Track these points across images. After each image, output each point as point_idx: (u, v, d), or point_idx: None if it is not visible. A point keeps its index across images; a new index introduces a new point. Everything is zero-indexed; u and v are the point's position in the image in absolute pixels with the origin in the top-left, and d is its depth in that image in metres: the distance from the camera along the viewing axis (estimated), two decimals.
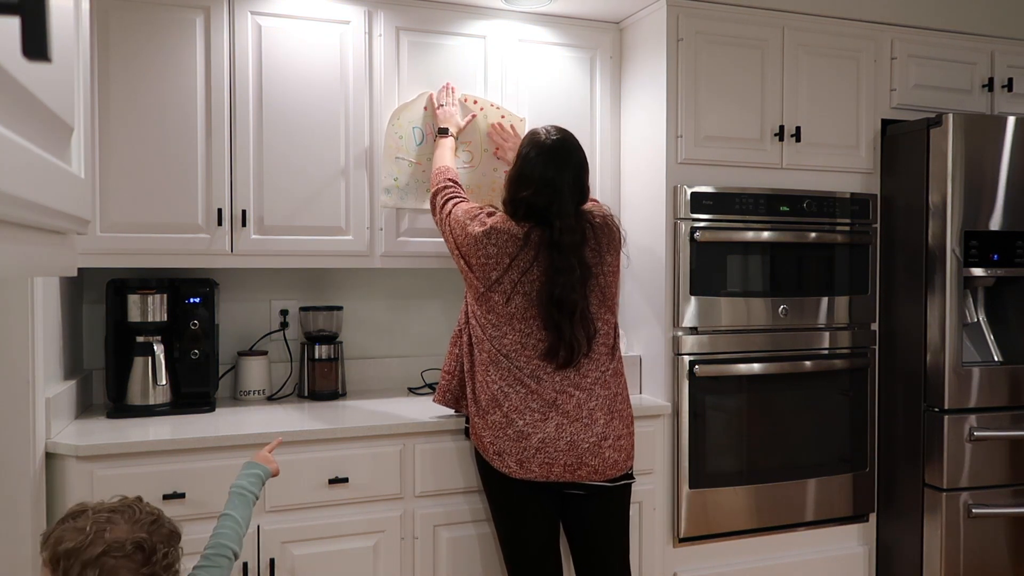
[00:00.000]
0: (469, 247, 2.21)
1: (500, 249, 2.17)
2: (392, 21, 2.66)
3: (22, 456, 1.99)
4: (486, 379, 2.20)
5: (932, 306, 2.75)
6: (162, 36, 2.42)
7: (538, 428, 2.14)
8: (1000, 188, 2.76)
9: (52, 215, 0.73)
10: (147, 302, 2.47)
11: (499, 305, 2.18)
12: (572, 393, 2.17)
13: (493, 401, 2.18)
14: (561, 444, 2.13)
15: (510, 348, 2.18)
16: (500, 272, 2.17)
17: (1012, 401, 2.79)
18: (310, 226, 2.58)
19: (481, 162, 2.76)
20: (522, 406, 2.15)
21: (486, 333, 2.21)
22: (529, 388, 2.16)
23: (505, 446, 2.16)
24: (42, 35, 0.53)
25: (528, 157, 2.22)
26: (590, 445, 2.15)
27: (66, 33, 0.82)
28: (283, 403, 2.72)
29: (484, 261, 2.18)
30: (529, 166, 2.21)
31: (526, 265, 2.16)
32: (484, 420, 2.21)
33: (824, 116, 2.86)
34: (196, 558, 1.61)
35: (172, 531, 1.42)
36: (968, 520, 2.74)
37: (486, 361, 2.20)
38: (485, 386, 2.20)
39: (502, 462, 2.17)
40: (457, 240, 2.25)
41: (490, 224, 2.19)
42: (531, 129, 2.33)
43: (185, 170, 2.45)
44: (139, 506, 1.40)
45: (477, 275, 2.20)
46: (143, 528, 1.35)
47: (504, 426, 2.17)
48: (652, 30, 2.76)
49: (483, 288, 2.20)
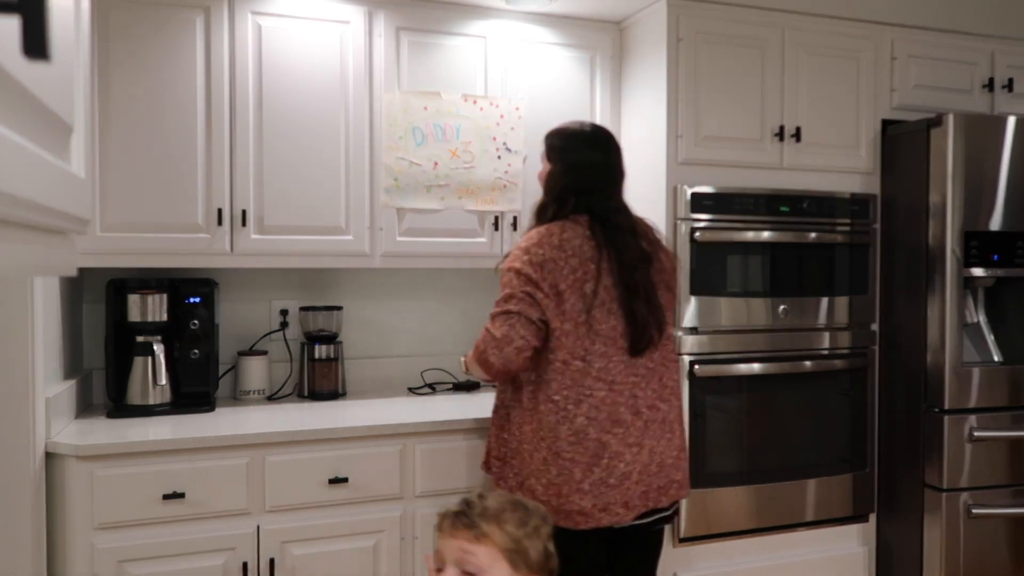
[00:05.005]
0: (545, 274, 1.98)
1: (569, 255, 2.00)
2: (392, 21, 2.66)
3: (22, 456, 1.99)
4: (569, 421, 1.98)
5: (932, 306, 2.75)
6: (162, 36, 2.42)
7: (627, 447, 1.99)
8: (1000, 188, 2.76)
9: (52, 215, 0.73)
10: (147, 302, 2.47)
11: (599, 319, 1.99)
12: (658, 406, 2.05)
13: (578, 437, 1.97)
14: (652, 465, 2.02)
15: (603, 364, 1.99)
16: (593, 281, 2.00)
17: (1012, 401, 2.79)
18: (310, 226, 2.58)
19: (481, 162, 2.76)
20: (603, 423, 1.98)
21: (574, 366, 1.98)
22: (618, 395, 2.00)
23: (589, 488, 1.97)
24: (42, 35, 0.53)
25: (568, 148, 2.13)
26: (672, 460, 2.07)
27: (66, 33, 0.82)
28: (283, 403, 2.72)
29: (571, 274, 1.98)
30: (574, 154, 2.12)
31: (599, 259, 2.02)
32: (554, 471, 1.98)
33: (824, 116, 2.86)
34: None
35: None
36: (968, 520, 2.74)
37: (571, 399, 1.98)
38: (568, 424, 1.98)
39: (576, 518, 1.97)
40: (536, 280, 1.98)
41: (538, 241, 2.01)
42: (556, 129, 2.22)
43: (185, 170, 2.45)
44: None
45: (574, 297, 1.98)
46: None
47: (592, 462, 1.97)
48: (652, 30, 2.76)
49: (583, 306, 1.98)
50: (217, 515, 2.20)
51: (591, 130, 2.18)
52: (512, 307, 1.98)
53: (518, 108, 2.81)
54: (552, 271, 1.97)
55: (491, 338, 1.99)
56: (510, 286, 2.00)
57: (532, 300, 1.97)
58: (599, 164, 2.11)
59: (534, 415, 2.02)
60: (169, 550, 2.14)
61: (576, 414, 1.97)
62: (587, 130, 2.18)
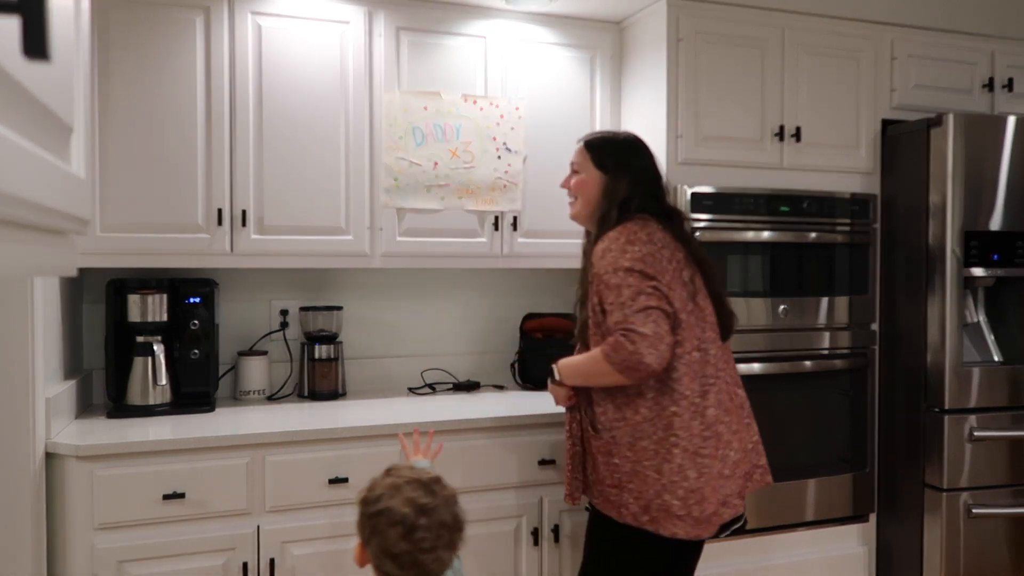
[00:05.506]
0: (654, 267, 1.93)
1: (660, 247, 1.98)
2: (392, 21, 2.66)
3: (22, 456, 1.99)
4: (700, 415, 1.93)
5: (932, 306, 2.75)
6: (162, 36, 2.42)
7: (734, 435, 1.99)
8: (1000, 188, 2.76)
9: (52, 215, 0.73)
10: (147, 302, 2.47)
11: (702, 306, 2.01)
12: (737, 391, 2.07)
13: (712, 430, 1.94)
14: (743, 452, 2.01)
15: (714, 351, 1.99)
16: (688, 269, 2.00)
17: (1012, 401, 2.79)
18: (310, 226, 2.58)
19: (481, 162, 2.76)
20: (721, 411, 1.97)
21: (695, 357, 1.95)
22: (723, 382, 2.00)
23: (701, 484, 1.91)
24: (42, 35, 0.53)
25: (622, 156, 2.11)
26: (753, 445, 2.09)
27: (66, 33, 0.82)
28: (283, 403, 2.72)
29: (668, 264, 1.96)
30: (628, 162, 2.10)
31: (680, 248, 2.03)
32: (693, 475, 1.91)
33: (824, 116, 2.86)
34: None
35: (445, 521, 1.50)
36: (968, 520, 2.74)
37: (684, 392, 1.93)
38: (700, 419, 1.93)
39: (713, 520, 1.94)
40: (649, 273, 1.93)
41: (628, 238, 1.96)
42: (600, 140, 2.17)
43: (185, 170, 2.45)
44: (435, 485, 1.52)
45: (678, 286, 1.95)
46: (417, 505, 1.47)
47: (722, 455, 1.95)
48: (652, 30, 2.76)
49: (687, 294, 1.97)
50: (217, 515, 2.20)
51: (634, 139, 2.18)
52: (650, 303, 1.87)
53: (518, 108, 2.81)
54: (655, 263, 1.93)
55: (641, 337, 1.84)
56: (631, 284, 1.89)
57: (660, 293, 1.89)
58: (649, 169, 2.12)
59: (658, 421, 1.91)
60: (169, 550, 2.14)
61: (705, 406, 1.93)
62: (632, 139, 2.18)
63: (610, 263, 1.95)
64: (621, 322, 1.87)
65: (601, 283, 1.94)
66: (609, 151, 2.13)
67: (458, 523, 1.53)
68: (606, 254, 1.97)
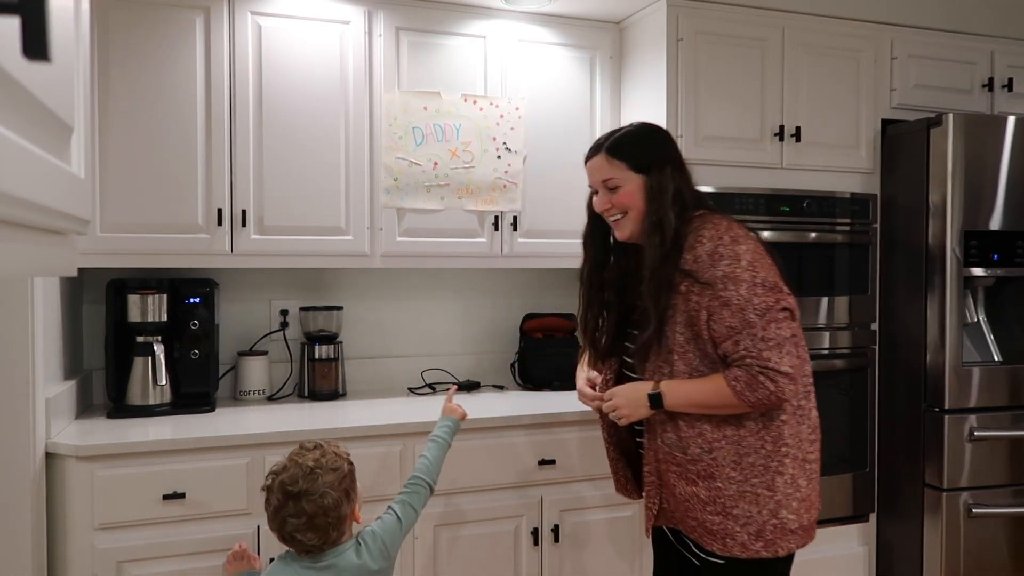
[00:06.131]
0: (770, 270, 1.74)
1: (754, 238, 1.81)
2: (392, 21, 2.66)
3: (22, 456, 1.99)
4: (807, 417, 1.79)
5: (932, 306, 2.75)
6: (162, 36, 2.42)
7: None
8: (1000, 188, 2.76)
9: (52, 215, 0.73)
10: (147, 302, 2.47)
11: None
12: None
13: (812, 434, 1.79)
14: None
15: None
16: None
17: (1012, 401, 2.79)
18: (310, 226, 2.58)
19: (481, 162, 2.76)
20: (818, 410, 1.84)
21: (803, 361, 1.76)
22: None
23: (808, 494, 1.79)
24: (42, 35, 0.53)
25: (663, 150, 1.86)
26: None
27: (66, 33, 0.82)
28: (283, 403, 2.72)
29: (769, 255, 1.78)
30: (671, 155, 1.87)
31: None
32: (804, 483, 1.76)
33: (824, 116, 2.86)
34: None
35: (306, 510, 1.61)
36: (968, 520, 2.74)
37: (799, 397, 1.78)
38: (807, 422, 1.79)
39: (796, 536, 1.79)
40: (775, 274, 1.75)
41: (735, 236, 1.76)
42: (632, 137, 1.89)
43: (185, 170, 2.45)
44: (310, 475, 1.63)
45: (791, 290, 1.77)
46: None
47: (818, 456, 1.81)
48: (652, 30, 2.76)
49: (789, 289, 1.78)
50: (217, 515, 2.20)
51: (650, 126, 1.95)
52: (783, 331, 1.68)
53: (518, 108, 2.81)
54: (770, 266, 1.74)
55: (782, 376, 1.67)
56: (757, 305, 1.67)
57: (789, 310, 1.71)
58: (678, 153, 1.90)
59: (766, 434, 1.73)
60: (169, 550, 2.14)
61: (809, 407, 1.79)
62: (648, 126, 1.94)
63: (727, 273, 1.69)
64: (755, 357, 1.66)
65: (715, 298, 1.69)
66: (639, 148, 1.86)
67: (321, 510, 1.60)
68: (717, 261, 1.71)
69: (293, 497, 1.59)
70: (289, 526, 1.60)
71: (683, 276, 1.74)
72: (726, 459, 1.74)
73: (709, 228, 1.75)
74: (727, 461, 1.73)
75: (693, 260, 1.73)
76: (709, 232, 1.74)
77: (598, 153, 1.89)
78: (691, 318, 1.73)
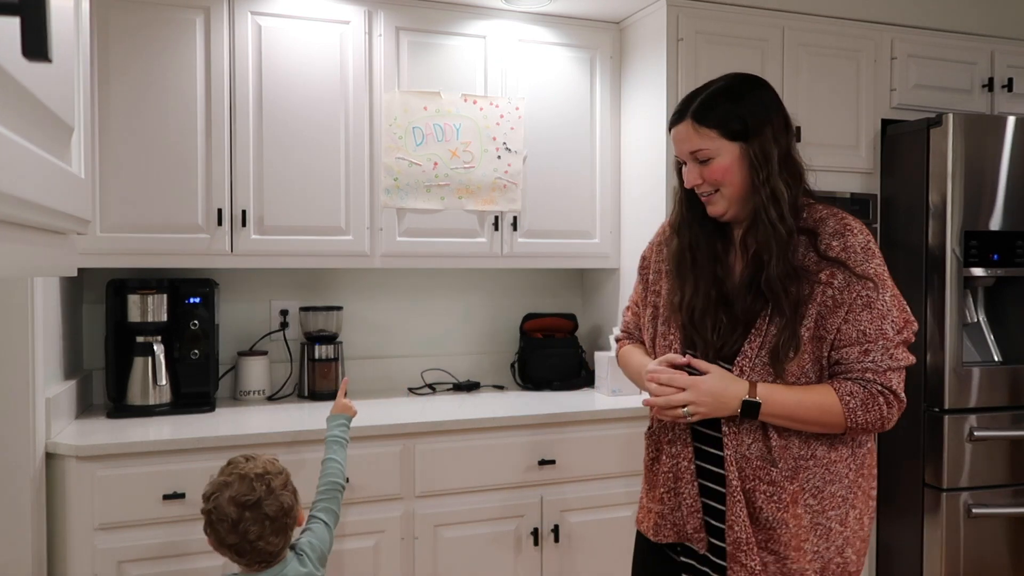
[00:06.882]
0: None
1: None
2: (392, 21, 2.66)
3: (22, 456, 1.99)
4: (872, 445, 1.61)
5: (932, 306, 2.75)
6: (162, 36, 2.42)
7: None
8: (1000, 188, 2.76)
9: (52, 215, 0.73)
10: (147, 302, 2.47)
11: None
12: None
13: (875, 468, 1.62)
14: None
15: None
16: None
17: (1012, 401, 2.79)
18: (310, 226, 2.58)
19: (481, 162, 2.76)
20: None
21: None
22: None
23: None
24: (42, 35, 0.53)
25: (756, 108, 1.57)
26: None
27: (66, 33, 0.82)
28: (283, 403, 2.72)
29: None
30: (762, 111, 1.58)
31: None
32: (867, 520, 1.56)
33: (824, 116, 2.86)
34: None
35: (268, 514, 1.66)
36: (968, 520, 2.74)
37: None
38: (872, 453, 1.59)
39: None
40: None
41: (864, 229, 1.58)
42: (701, 112, 1.55)
43: (185, 170, 2.45)
44: (259, 481, 1.68)
45: None
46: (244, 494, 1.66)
47: (875, 497, 1.61)
48: (652, 30, 2.76)
49: None
50: None
51: (740, 75, 1.64)
52: (908, 355, 1.49)
53: (518, 108, 2.81)
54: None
55: (899, 402, 1.48)
56: (896, 318, 1.48)
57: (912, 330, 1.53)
58: (786, 114, 1.60)
59: (852, 461, 1.51)
60: (169, 550, 2.14)
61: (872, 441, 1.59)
62: (738, 76, 1.63)
63: (879, 273, 1.48)
64: (879, 373, 1.44)
65: (860, 296, 1.45)
66: (733, 109, 1.53)
67: (283, 511, 1.67)
68: (870, 257, 1.48)
69: (251, 507, 1.64)
70: (252, 535, 1.64)
71: (828, 264, 1.48)
72: (811, 484, 1.47)
73: (851, 218, 1.54)
74: (811, 487, 1.47)
75: (842, 248, 1.49)
76: (856, 223, 1.53)
77: (683, 119, 1.56)
78: (826, 312, 1.45)
